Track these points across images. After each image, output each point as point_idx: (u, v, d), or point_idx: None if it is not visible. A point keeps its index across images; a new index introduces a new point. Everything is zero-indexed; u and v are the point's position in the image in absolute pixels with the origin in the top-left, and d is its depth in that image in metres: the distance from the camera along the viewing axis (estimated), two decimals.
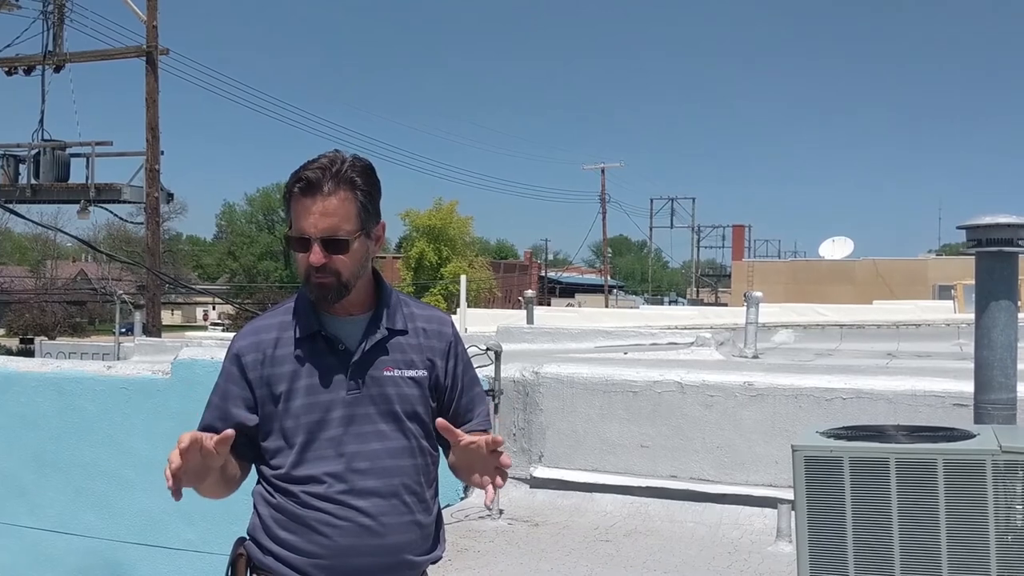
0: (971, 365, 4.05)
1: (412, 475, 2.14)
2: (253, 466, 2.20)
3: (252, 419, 2.12)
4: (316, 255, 2.04)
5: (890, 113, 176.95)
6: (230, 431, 1.97)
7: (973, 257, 3.93)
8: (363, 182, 2.10)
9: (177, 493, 1.90)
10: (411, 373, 2.16)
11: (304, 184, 2.05)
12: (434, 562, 2.23)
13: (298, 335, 2.13)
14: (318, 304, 2.13)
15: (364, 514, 2.07)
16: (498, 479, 2.07)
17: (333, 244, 2.05)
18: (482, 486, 2.09)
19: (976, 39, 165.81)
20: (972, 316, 4.09)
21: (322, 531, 2.06)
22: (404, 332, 2.18)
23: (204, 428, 2.15)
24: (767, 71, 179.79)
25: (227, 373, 2.16)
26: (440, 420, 2.07)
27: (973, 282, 4.00)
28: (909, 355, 10.78)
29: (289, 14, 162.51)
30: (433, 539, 2.21)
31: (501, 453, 2.05)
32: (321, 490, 2.07)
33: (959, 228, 3.93)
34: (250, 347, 2.15)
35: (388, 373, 2.13)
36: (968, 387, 4.32)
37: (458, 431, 2.06)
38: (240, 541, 2.18)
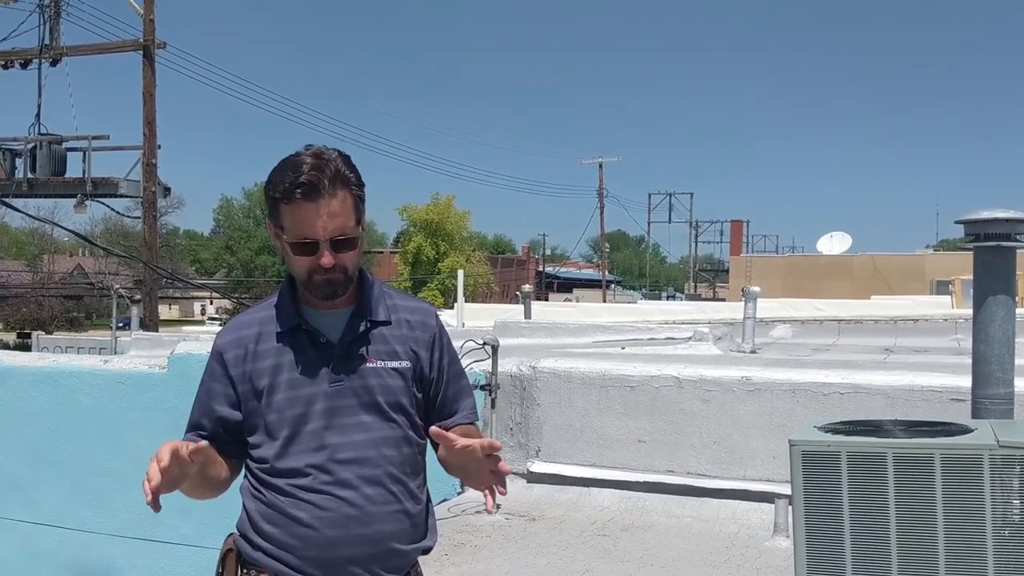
0: (969, 360, 4.05)
1: (397, 464, 2.12)
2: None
3: (236, 416, 2.13)
4: (328, 258, 2.05)
5: (889, 108, 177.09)
6: (203, 443, 1.98)
7: (971, 252, 3.92)
8: (354, 177, 2.11)
9: (156, 505, 1.88)
10: (394, 364, 2.15)
11: (305, 189, 2.03)
12: (425, 552, 2.21)
13: (279, 329, 2.13)
14: (322, 299, 2.12)
15: (349, 504, 2.06)
16: (499, 487, 2.04)
17: (342, 243, 2.07)
18: (480, 490, 2.08)
19: (974, 35, 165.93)
20: (970, 311, 4.08)
21: (308, 523, 2.05)
22: (387, 323, 2.18)
23: (192, 426, 2.18)
24: (766, 66, 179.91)
25: (210, 370, 2.17)
26: (433, 428, 2.05)
27: (971, 277, 3.99)
28: (907, 350, 10.78)
29: (287, 8, 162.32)
30: (423, 529, 2.19)
31: (499, 459, 2.02)
32: (305, 482, 2.06)
33: (957, 223, 3.92)
34: (232, 344, 2.15)
35: (371, 364, 2.13)
36: (965, 382, 4.32)
37: (452, 436, 2.02)
38: (231, 535, 2.18)
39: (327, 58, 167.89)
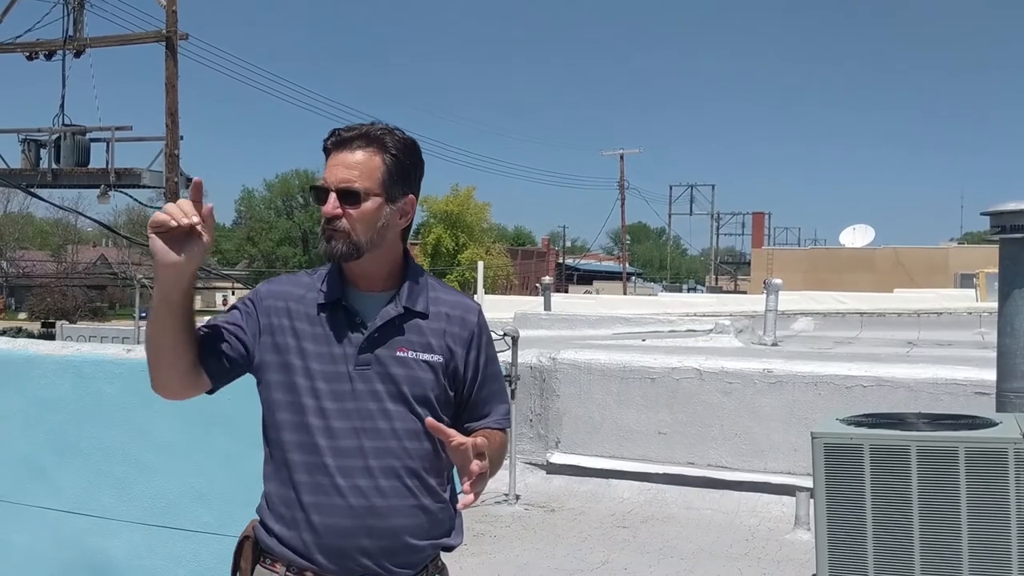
0: (993, 353, 4.01)
1: (417, 459, 2.07)
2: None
3: (239, 350, 2.09)
4: (330, 204, 2.04)
5: (911, 100, 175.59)
6: (198, 179, 1.96)
7: (996, 245, 3.88)
8: (395, 147, 2.08)
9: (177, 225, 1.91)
10: (426, 357, 2.09)
11: (336, 139, 2.08)
12: (446, 549, 2.16)
13: (320, 300, 2.10)
14: (327, 258, 2.10)
15: (362, 494, 2.02)
16: (466, 487, 1.95)
17: (346, 195, 2.05)
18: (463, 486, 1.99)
19: (997, 25, 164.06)
20: (994, 305, 4.04)
21: (320, 511, 2.02)
22: (424, 315, 2.12)
23: (209, 324, 2.14)
24: (787, 59, 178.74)
25: (244, 305, 2.14)
26: (429, 420, 1.99)
27: (995, 270, 3.95)
28: (930, 343, 10.72)
29: (308, 1, 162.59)
30: (445, 527, 2.14)
31: (481, 460, 1.95)
32: (320, 467, 2.03)
33: (983, 214, 3.88)
34: (274, 293, 2.13)
35: (401, 354, 2.08)
36: (990, 375, 4.28)
37: (447, 431, 1.97)
38: (252, 522, 2.15)
39: (348, 50, 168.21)
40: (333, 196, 2.05)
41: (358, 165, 2.06)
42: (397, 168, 2.09)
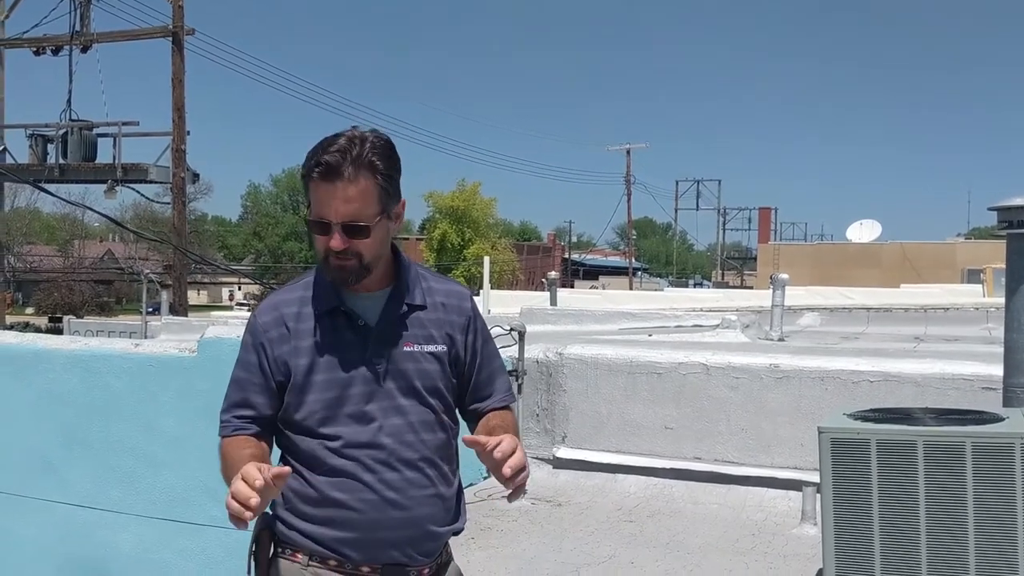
0: (1000, 349, 4.01)
1: (433, 449, 2.13)
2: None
3: (274, 406, 2.13)
4: (336, 240, 2.03)
5: (919, 95, 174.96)
6: (287, 469, 1.95)
7: (1003, 240, 3.88)
8: (383, 165, 2.05)
9: (245, 524, 1.87)
10: (431, 348, 2.15)
11: (324, 169, 2.01)
12: (456, 533, 2.23)
13: (318, 310, 2.12)
14: (336, 284, 2.11)
15: (389, 487, 2.07)
16: (510, 494, 2.03)
17: (355, 230, 2.04)
18: (503, 484, 2.04)
19: (1004, 21, 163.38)
20: (1001, 300, 4.04)
21: (347, 505, 2.06)
22: (423, 307, 2.17)
23: (237, 403, 2.15)
24: (794, 54, 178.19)
25: (247, 359, 2.15)
26: (466, 436, 2.04)
27: (1003, 266, 3.94)
28: (937, 339, 10.70)
29: None
30: (455, 511, 2.21)
31: (522, 471, 2.00)
32: (343, 464, 2.07)
33: (990, 209, 3.88)
34: (272, 323, 2.14)
35: (408, 348, 2.13)
36: (997, 371, 4.27)
37: (483, 440, 1.99)
38: (264, 516, 2.17)
39: (354, 45, 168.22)
40: (338, 231, 2.03)
41: (358, 197, 2.02)
42: (389, 184, 2.08)
